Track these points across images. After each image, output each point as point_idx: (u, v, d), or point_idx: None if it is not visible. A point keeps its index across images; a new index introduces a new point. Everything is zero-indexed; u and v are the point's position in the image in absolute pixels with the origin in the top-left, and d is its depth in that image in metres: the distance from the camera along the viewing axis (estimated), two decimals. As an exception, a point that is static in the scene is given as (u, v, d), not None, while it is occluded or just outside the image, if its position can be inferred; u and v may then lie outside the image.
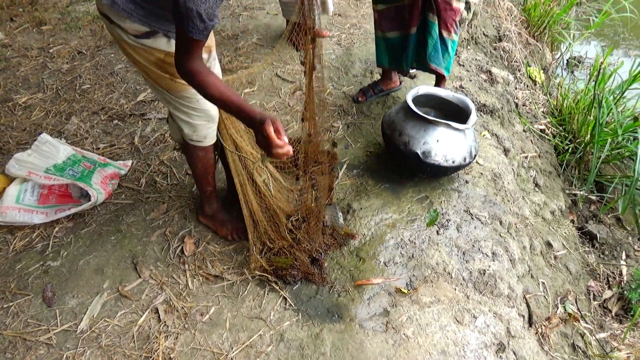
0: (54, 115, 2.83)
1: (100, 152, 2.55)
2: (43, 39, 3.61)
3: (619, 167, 3.31)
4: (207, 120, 1.74)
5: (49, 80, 3.14)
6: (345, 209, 2.18)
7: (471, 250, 1.98)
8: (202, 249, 2.03)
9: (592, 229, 2.86)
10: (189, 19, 1.27)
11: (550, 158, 3.17)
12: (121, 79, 3.12)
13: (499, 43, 4.19)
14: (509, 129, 2.93)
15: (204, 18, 1.28)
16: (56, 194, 2.22)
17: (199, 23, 1.28)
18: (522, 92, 3.69)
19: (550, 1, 4.90)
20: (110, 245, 2.04)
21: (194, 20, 1.27)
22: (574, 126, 3.32)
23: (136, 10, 1.41)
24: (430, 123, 2.06)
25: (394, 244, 1.99)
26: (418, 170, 2.17)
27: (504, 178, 2.46)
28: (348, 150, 2.52)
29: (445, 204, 2.16)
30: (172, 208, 2.23)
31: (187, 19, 1.27)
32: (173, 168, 2.45)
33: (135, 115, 2.81)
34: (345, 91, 2.96)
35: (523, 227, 2.36)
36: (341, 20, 3.74)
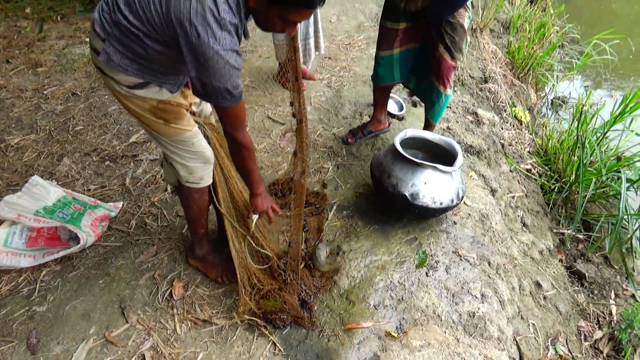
0: (46, 156, 2.85)
1: (91, 193, 2.56)
2: (38, 80, 3.66)
3: (605, 206, 3.36)
4: (203, 162, 1.77)
5: (42, 122, 3.17)
6: (335, 250, 2.19)
7: (460, 292, 1.99)
8: (191, 292, 2.02)
9: (581, 268, 2.88)
10: (219, 96, 1.39)
11: (537, 197, 3.22)
12: (114, 120, 3.16)
13: (484, 84, 4.32)
14: (495, 169, 2.99)
15: (231, 91, 1.40)
16: (45, 237, 2.21)
17: (228, 96, 1.40)
18: (508, 132, 3.77)
19: (534, 44, 5.08)
20: (98, 289, 2.03)
21: (224, 95, 1.39)
22: (559, 166, 3.39)
23: (131, 66, 1.46)
24: (417, 165, 2.10)
25: (383, 286, 2.00)
26: (406, 211, 2.19)
27: (492, 218, 2.49)
28: (338, 192, 2.55)
29: (434, 245, 2.18)
30: (162, 250, 2.22)
31: (217, 97, 1.39)
32: (164, 210, 2.45)
33: (127, 156, 2.83)
34: (335, 132, 3.01)
35: (512, 268, 2.37)
36: (331, 63, 3.85)
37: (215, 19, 1.30)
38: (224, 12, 1.31)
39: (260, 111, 3.21)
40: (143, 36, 1.40)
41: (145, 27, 1.38)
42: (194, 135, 1.68)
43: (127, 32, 1.40)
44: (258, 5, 1.37)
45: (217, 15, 1.30)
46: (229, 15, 1.32)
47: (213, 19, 1.30)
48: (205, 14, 1.29)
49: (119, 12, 1.39)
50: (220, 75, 1.34)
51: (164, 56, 1.43)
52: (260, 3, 1.36)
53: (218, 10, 1.30)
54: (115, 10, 1.40)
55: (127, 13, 1.38)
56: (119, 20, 1.39)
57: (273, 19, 1.41)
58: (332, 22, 4.60)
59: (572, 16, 6.66)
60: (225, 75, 1.35)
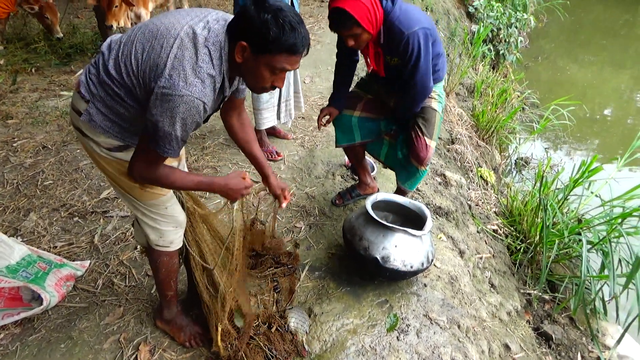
0: (12, 211, 2.79)
1: (57, 251, 2.49)
2: (8, 132, 3.62)
3: (568, 267, 3.47)
4: (175, 227, 1.77)
5: (9, 175, 3.12)
6: (307, 312, 2.18)
7: (431, 357, 1.99)
8: (158, 357, 1.96)
9: (548, 329, 2.93)
10: (166, 142, 1.37)
11: (504, 258, 3.30)
12: (85, 175, 3.14)
13: (452, 145, 4.50)
14: (463, 230, 3.07)
15: (180, 140, 1.39)
16: (5, 297, 2.12)
17: (175, 145, 1.39)
18: (474, 193, 3.91)
19: (496, 108, 5.37)
20: (59, 354, 1.94)
21: (171, 143, 1.38)
22: (524, 227, 3.50)
23: (112, 128, 1.48)
24: (388, 229, 2.15)
25: (354, 350, 1.99)
26: (378, 274, 2.22)
27: (461, 280, 2.54)
28: (310, 252, 2.56)
29: (405, 308, 2.19)
30: (129, 312, 2.16)
31: (163, 144, 1.38)
32: (132, 269, 2.41)
33: (97, 212, 2.80)
34: (307, 192, 3.06)
35: (481, 330, 2.40)
36: (304, 123, 3.96)
37: (192, 66, 1.34)
38: (202, 61, 1.35)
39: (233, 169, 3.25)
40: (125, 94, 1.43)
41: (125, 81, 1.41)
42: (168, 199, 1.69)
43: (111, 93, 1.44)
44: (245, 59, 1.41)
45: (194, 63, 1.35)
46: (207, 65, 1.36)
47: (189, 65, 1.34)
48: (183, 60, 1.34)
49: (104, 72, 1.44)
50: (177, 119, 1.34)
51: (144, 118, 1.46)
52: (247, 56, 1.40)
53: (197, 59, 1.35)
54: (102, 70, 1.44)
55: (111, 69, 1.42)
56: (104, 80, 1.44)
57: (261, 71, 1.43)
58: (306, 83, 4.77)
59: (531, 82, 7.11)
60: (181, 121, 1.35)
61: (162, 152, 1.40)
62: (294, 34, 1.36)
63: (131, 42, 1.42)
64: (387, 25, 2.14)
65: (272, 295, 2.29)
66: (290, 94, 3.34)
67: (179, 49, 1.35)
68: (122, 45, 1.43)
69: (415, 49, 2.13)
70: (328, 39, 5.83)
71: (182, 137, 1.39)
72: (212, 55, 1.37)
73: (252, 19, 1.34)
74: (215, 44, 1.39)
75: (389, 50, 2.23)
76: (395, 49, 2.19)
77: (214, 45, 1.39)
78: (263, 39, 1.35)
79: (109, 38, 1.52)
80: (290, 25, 1.35)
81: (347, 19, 2.03)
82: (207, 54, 1.37)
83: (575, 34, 10.94)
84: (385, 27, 2.15)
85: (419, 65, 2.18)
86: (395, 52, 2.21)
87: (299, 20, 1.39)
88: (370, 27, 2.09)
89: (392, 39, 2.16)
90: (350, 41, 2.15)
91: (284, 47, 1.37)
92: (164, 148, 1.39)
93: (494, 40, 7.45)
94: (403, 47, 2.13)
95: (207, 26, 1.40)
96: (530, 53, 9.19)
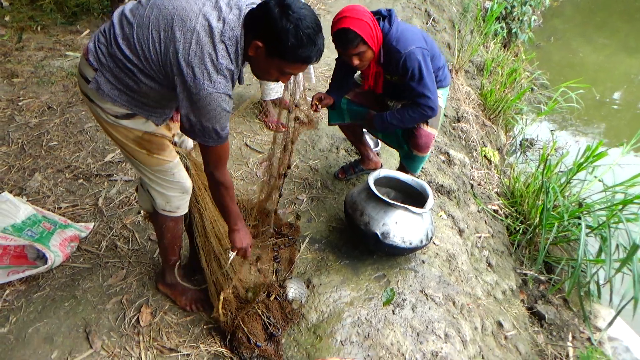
0: (17, 170, 2.81)
1: (61, 212, 2.53)
2: (13, 91, 3.61)
3: (566, 250, 3.50)
4: (182, 192, 1.79)
5: (14, 134, 3.13)
6: (306, 283, 2.22)
7: (425, 332, 2.04)
8: (159, 320, 2.01)
9: (541, 309, 2.98)
10: (206, 135, 1.45)
11: (503, 238, 3.33)
12: (90, 137, 3.15)
13: (457, 123, 4.47)
14: (464, 209, 3.09)
15: (219, 131, 1.45)
16: (11, 255, 2.17)
17: (215, 136, 1.46)
18: (477, 172, 3.91)
19: (505, 88, 5.31)
20: (63, 312, 2.00)
21: (211, 135, 1.45)
22: (524, 208, 3.52)
23: (120, 97, 1.49)
24: (389, 205, 2.17)
25: (350, 322, 2.03)
26: (377, 249, 2.25)
27: (458, 258, 2.57)
28: (311, 224, 2.59)
29: (402, 284, 2.23)
30: (131, 274, 2.21)
31: (203, 136, 1.45)
32: (135, 232, 2.44)
33: (101, 175, 2.82)
34: (311, 165, 3.07)
35: (475, 308, 2.44)
36: (311, 95, 3.93)
37: (213, 63, 1.37)
38: (221, 57, 1.39)
39: (238, 138, 3.25)
40: (137, 72, 1.44)
41: (142, 64, 1.42)
42: (175, 166, 1.71)
43: (122, 66, 1.45)
44: (257, 56, 1.44)
45: (215, 60, 1.38)
46: (226, 61, 1.40)
47: (210, 62, 1.37)
48: (203, 57, 1.36)
49: (116, 45, 1.43)
50: (211, 116, 1.40)
51: (156, 92, 1.48)
52: (259, 54, 1.43)
53: (216, 55, 1.38)
54: (113, 43, 1.44)
55: (124, 47, 1.42)
56: (115, 54, 1.44)
57: (271, 69, 1.48)
58: (314, 53, 4.70)
59: (542, 63, 7.01)
60: (215, 116, 1.41)
61: (210, 145, 1.49)
62: (310, 47, 1.40)
63: (146, 27, 1.41)
64: (386, 46, 2.24)
65: (272, 265, 2.33)
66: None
67: (197, 45, 1.37)
68: (136, 27, 1.42)
69: (416, 67, 2.21)
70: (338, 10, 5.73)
71: (222, 127, 1.46)
72: (229, 50, 1.40)
73: (274, 23, 1.35)
74: (231, 38, 1.41)
75: (389, 69, 2.33)
76: (395, 69, 2.27)
77: (230, 40, 1.41)
78: (280, 46, 1.38)
79: (120, 7, 1.50)
80: (309, 38, 1.38)
81: (354, 37, 2.11)
82: (224, 49, 1.39)
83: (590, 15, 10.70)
84: (384, 48, 2.24)
85: (422, 82, 2.24)
86: (394, 71, 2.29)
87: (317, 30, 1.41)
88: (373, 45, 2.18)
89: (391, 59, 2.25)
90: (355, 60, 2.20)
91: (298, 58, 1.41)
92: (209, 140, 1.47)
93: (507, 17, 7.29)
94: (402, 66, 2.22)
95: (221, 17, 1.40)
96: (543, 33, 9.01)
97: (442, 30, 6.20)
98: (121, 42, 1.42)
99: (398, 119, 2.37)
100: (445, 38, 6.09)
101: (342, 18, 2.15)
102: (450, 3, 7.20)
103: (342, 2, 5.99)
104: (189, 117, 1.42)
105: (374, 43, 2.18)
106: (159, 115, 1.58)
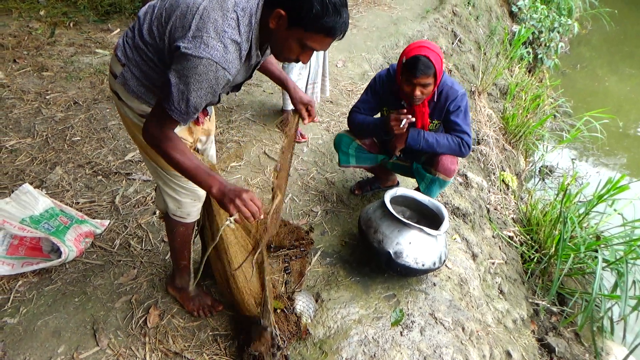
0: (39, 162, 2.85)
1: (79, 207, 2.56)
2: (42, 84, 3.69)
3: (580, 282, 3.44)
4: (194, 199, 1.80)
5: (40, 127, 3.19)
6: (314, 297, 2.20)
7: (432, 356, 2.01)
8: (166, 322, 2.01)
9: (552, 341, 2.92)
10: (176, 102, 1.33)
11: (516, 265, 3.28)
12: (112, 135, 3.19)
13: (477, 146, 4.44)
14: (479, 233, 3.05)
15: (190, 105, 1.34)
16: (27, 246, 2.20)
17: (183, 106, 1.34)
18: (494, 196, 3.87)
19: (528, 113, 5.27)
20: (72, 307, 2.01)
21: (180, 102, 1.33)
22: (540, 237, 3.47)
23: (146, 94, 1.50)
24: (404, 225, 2.15)
25: (357, 340, 2.01)
26: (389, 268, 2.23)
27: (470, 283, 2.54)
28: (324, 237, 2.58)
29: (412, 305, 2.21)
30: (142, 275, 2.22)
31: (173, 98, 1.32)
32: (149, 233, 2.46)
33: (120, 173, 2.85)
34: (328, 177, 3.07)
35: (485, 335, 2.40)
36: (332, 108, 3.95)
37: (215, 29, 1.30)
38: (227, 26, 1.31)
39: (257, 146, 3.27)
40: (158, 60, 1.43)
41: (157, 46, 1.40)
42: (193, 172, 1.70)
43: (145, 58, 1.45)
44: (278, 27, 1.37)
45: (219, 26, 1.30)
46: (232, 30, 1.32)
47: (213, 28, 1.30)
48: (207, 21, 1.30)
49: (139, 36, 1.44)
50: (190, 81, 1.30)
51: None
52: (280, 24, 1.36)
53: (222, 22, 1.31)
54: (137, 35, 1.45)
55: (145, 34, 1.42)
56: (139, 45, 1.44)
57: (290, 43, 1.39)
58: (338, 67, 4.73)
59: (566, 90, 6.94)
60: (195, 84, 1.30)
61: (170, 111, 1.34)
62: (335, 18, 1.32)
63: (163, 7, 1.41)
64: (441, 87, 2.37)
65: (282, 276, 2.33)
66: (318, 77, 3.32)
67: (205, 10, 1.31)
68: (155, 9, 1.43)
69: (465, 107, 2.38)
70: (365, 24, 5.76)
71: (195, 102, 1.34)
72: (239, 21, 1.33)
73: None
74: (245, 9, 1.35)
75: (434, 112, 2.42)
76: (441, 109, 2.40)
77: (243, 11, 1.34)
78: (303, 13, 1.30)
79: (148, 3, 1.52)
80: (334, 7, 1.31)
81: (431, 67, 2.18)
82: (234, 19, 1.32)
83: (618, 44, 10.58)
84: (438, 89, 2.36)
85: (467, 121, 2.38)
86: (439, 114, 2.42)
87: (343, 3, 1.34)
88: (438, 81, 2.27)
89: (445, 98, 2.37)
90: (418, 91, 2.24)
91: (321, 28, 1.34)
92: (173, 107, 1.33)
93: (533, 43, 7.26)
94: (455, 103, 2.36)
95: None
96: (570, 60, 8.94)
97: (468, 52, 6.19)
98: (144, 30, 1.42)
99: (435, 138, 2.37)
100: (470, 59, 6.08)
101: (421, 47, 2.21)
102: (477, 25, 7.19)
103: (369, 18, 6.03)
104: (169, 77, 1.31)
105: (439, 79, 2.26)
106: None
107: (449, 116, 2.38)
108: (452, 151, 2.38)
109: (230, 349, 1.95)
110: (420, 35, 5.69)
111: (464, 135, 2.37)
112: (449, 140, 2.37)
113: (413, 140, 2.38)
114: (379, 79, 2.48)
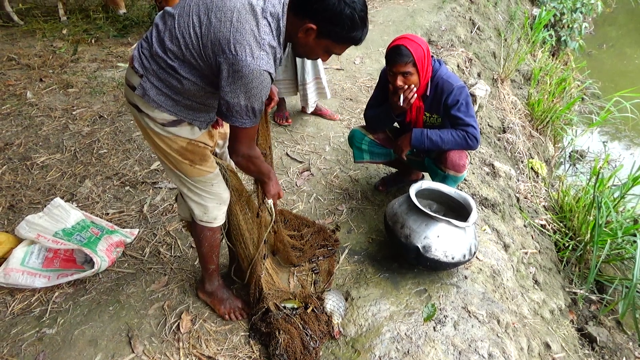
0: (69, 177, 2.93)
1: (109, 217, 2.61)
2: (68, 100, 3.79)
3: (619, 268, 3.32)
4: (219, 203, 1.81)
5: (68, 142, 3.27)
6: (344, 295, 2.19)
7: (467, 351, 1.97)
8: (198, 327, 2.03)
9: (592, 331, 2.83)
10: (244, 116, 1.44)
11: (551, 254, 3.19)
12: (137, 146, 3.25)
13: (503, 134, 4.35)
14: (509, 223, 2.98)
15: (257, 110, 1.45)
16: (61, 258, 2.26)
17: (252, 116, 1.45)
18: (524, 185, 3.78)
19: (554, 97, 5.13)
20: (107, 315, 2.05)
21: (249, 115, 1.44)
22: (574, 224, 3.37)
23: (166, 102, 1.51)
24: (431, 218, 2.12)
25: (390, 337, 1.99)
26: (418, 263, 2.20)
27: (503, 275, 2.48)
28: (350, 235, 2.56)
29: (444, 299, 2.17)
30: (173, 281, 2.25)
31: (241, 117, 1.44)
32: (178, 240, 2.49)
33: (147, 183, 2.90)
34: (351, 175, 3.05)
35: (521, 327, 2.34)
36: (352, 105, 3.92)
37: (255, 39, 1.36)
38: (264, 33, 1.38)
39: (279, 148, 3.27)
40: (179, 66, 1.45)
41: (182, 53, 1.42)
42: (215, 176, 1.73)
43: (164, 65, 1.46)
44: (306, 37, 1.46)
45: (257, 35, 1.37)
46: (269, 37, 1.39)
47: (253, 38, 1.36)
48: (245, 33, 1.35)
49: (158, 44, 1.46)
50: (251, 94, 1.39)
51: (198, 88, 1.48)
52: (309, 34, 1.44)
53: (259, 30, 1.37)
54: (155, 43, 1.46)
55: (167, 40, 1.44)
56: (156, 53, 1.46)
57: (317, 50, 1.51)
58: (356, 63, 4.71)
59: (593, 71, 6.74)
60: (255, 94, 1.40)
61: (244, 125, 1.46)
62: (361, 30, 1.45)
63: (187, 14, 1.42)
64: (436, 80, 2.35)
65: (310, 276, 2.32)
66: (307, 79, 3.28)
67: (238, 22, 1.36)
68: (177, 17, 1.44)
69: (464, 99, 2.32)
70: (380, 19, 5.71)
71: (259, 107, 1.45)
72: (271, 27, 1.40)
73: (332, 6, 1.37)
74: (273, 15, 1.41)
75: (431, 106, 2.40)
76: (438, 103, 2.36)
77: (272, 17, 1.41)
78: (335, 28, 1.41)
79: (162, 11, 1.53)
80: (362, 20, 1.42)
81: (407, 55, 2.19)
82: (267, 25, 1.39)
83: (646, 20, 10.23)
84: (433, 82, 2.35)
85: (469, 114, 2.32)
86: (437, 108, 2.39)
87: (367, 11, 1.45)
88: (422, 71, 2.25)
89: (440, 92, 2.34)
90: (399, 80, 2.26)
91: (349, 40, 1.46)
92: (244, 119, 1.45)
93: (555, 25, 7.08)
94: (453, 96, 2.30)
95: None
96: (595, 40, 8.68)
97: (487, 39, 6.07)
98: (163, 37, 1.44)
99: (439, 135, 2.34)
100: (490, 47, 5.96)
101: (402, 38, 2.25)
102: (496, 11, 7.05)
103: (384, 12, 5.98)
104: (228, 99, 1.40)
105: (422, 70, 2.24)
106: (202, 119, 1.59)
107: (449, 111, 2.33)
108: (459, 146, 2.35)
109: (263, 351, 1.95)
110: (438, 26, 5.61)
111: (468, 128, 2.31)
112: (454, 136, 2.33)
113: (417, 141, 2.38)
114: (383, 74, 2.51)
